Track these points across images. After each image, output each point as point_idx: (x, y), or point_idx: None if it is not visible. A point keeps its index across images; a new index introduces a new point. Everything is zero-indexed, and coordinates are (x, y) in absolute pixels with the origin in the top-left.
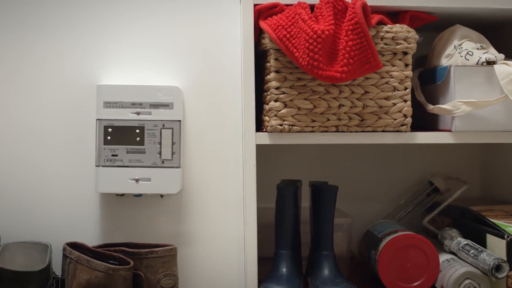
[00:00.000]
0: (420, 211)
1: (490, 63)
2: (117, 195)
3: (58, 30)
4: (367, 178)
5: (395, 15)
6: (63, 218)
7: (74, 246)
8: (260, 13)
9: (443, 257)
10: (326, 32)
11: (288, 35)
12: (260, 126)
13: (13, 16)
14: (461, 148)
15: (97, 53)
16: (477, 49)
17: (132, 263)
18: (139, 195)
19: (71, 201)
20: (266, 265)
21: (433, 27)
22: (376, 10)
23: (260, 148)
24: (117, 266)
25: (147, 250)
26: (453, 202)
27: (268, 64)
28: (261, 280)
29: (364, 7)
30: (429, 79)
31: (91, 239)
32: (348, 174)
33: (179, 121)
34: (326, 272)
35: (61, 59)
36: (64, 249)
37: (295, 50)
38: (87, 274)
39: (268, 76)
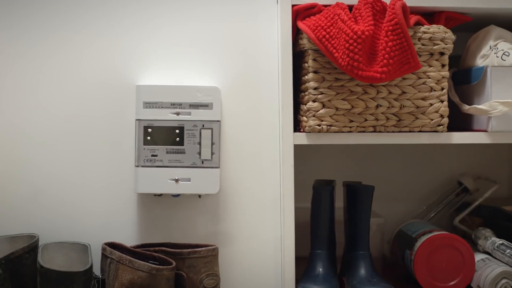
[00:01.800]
0: (449, 211)
1: None
2: (155, 195)
3: (96, 29)
4: (395, 178)
5: (430, 16)
6: (100, 218)
7: (112, 246)
8: (298, 13)
9: (477, 257)
10: (366, 32)
11: (327, 36)
12: (296, 126)
13: (51, 16)
14: (490, 147)
15: (134, 52)
16: None
17: (174, 263)
18: (177, 195)
19: (109, 201)
20: (299, 265)
21: (464, 28)
22: (412, 10)
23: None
24: (161, 266)
25: (190, 250)
26: (483, 202)
27: (306, 64)
28: (297, 280)
29: (404, 7)
30: (463, 80)
31: (128, 239)
32: (376, 174)
33: (219, 121)
34: (362, 271)
35: (99, 59)
36: (104, 249)
37: (334, 51)
38: (130, 274)
39: (306, 77)
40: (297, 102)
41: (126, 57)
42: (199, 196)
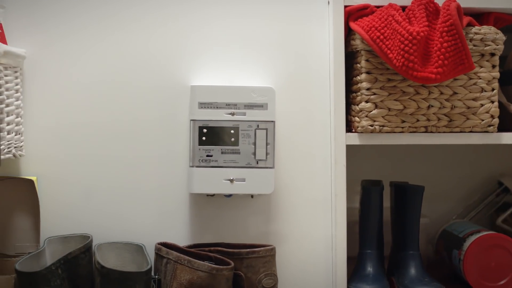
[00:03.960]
0: (489, 212)
1: None
2: (207, 195)
3: (149, 30)
4: (435, 178)
5: (477, 16)
6: (151, 218)
7: (165, 246)
8: (350, 14)
9: None
10: (421, 33)
11: (381, 37)
12: (346, 126)
13: (105, 20)
14: None
15: (185, 53)
16: None
17: (232, 263)
18: (229, 196)
19: (160, 202)
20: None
21: (510, 29)
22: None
23: None
24: (221, 266)
25: (248, 250)
26: None
27: (359, 65)
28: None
29: (458, 8)
30: (510, 80)
31: (180, 240)
32: (415, 174)
33: (273, 121)
34: (413, 271)
35: (152, 60)
36: (159, 250)
37: (388, 52)
38: (189, 274)
39: (359, 77)
40: (348, 102)
41: (178, 58)
42: (251, 196)
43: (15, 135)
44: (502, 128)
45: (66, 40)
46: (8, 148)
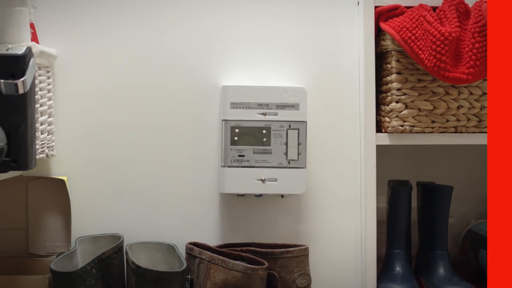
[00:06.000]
0: None
1: None
2: (238, 195)
3: (179, 30)
4: (457, 178)
5: None
6: (181, 218)
7: (197, 246)
8: (380, 14)
9: None
10: (453, 34)
11: (413, 37)
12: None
13: (135, 20)
14: None
15: (214, 54)
16: None
17: (266, 263)
18: (260, 195)
19: (191, 201)
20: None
21: None
22: None
23: None
24: (256, 266)
25: (282, 250)
26: None
27: (389, 65)
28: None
29: None
30: None
31: (209, 239)
32: (438, 174)
33: (305, 121)
34: (441, 271)
35: (182, 60)
36: (191, 250)
37: (420, 52)
38: (223, 274)
39: (389, 77)
40: (377, 102)
41: (208, 58)
42: (282, 196)
43: (47, 135)
44: None
45: (96, 40)
46: (42, 148)
